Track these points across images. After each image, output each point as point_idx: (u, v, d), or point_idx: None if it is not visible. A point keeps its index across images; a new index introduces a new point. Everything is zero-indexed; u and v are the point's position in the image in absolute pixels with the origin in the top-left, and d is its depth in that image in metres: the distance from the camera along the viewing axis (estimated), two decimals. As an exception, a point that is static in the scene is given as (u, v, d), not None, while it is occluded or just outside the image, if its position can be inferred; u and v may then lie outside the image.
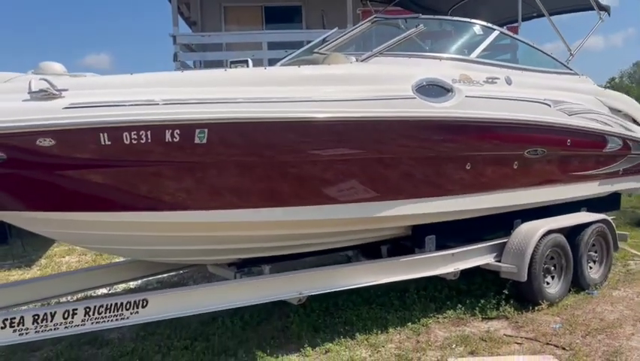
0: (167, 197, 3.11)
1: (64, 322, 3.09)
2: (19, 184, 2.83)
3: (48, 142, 2.62)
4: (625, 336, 3.95)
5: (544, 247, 4.51)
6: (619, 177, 5.55)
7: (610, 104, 5.27)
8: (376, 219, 3.88)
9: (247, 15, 11.97)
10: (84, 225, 3.13)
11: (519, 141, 4.28)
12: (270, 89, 3.17)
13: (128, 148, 2.76)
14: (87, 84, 2.96)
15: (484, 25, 4.53)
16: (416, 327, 4.16)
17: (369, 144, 3.44)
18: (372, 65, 3.80)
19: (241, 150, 3.06)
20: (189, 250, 3.66)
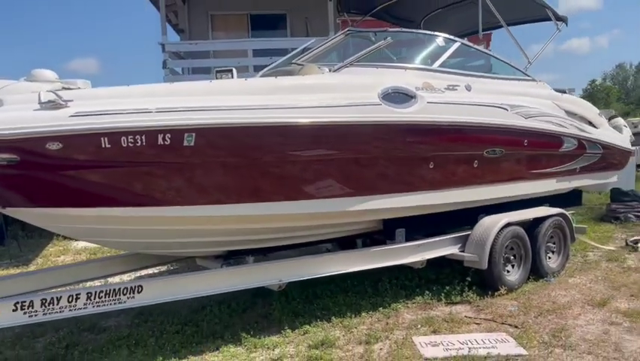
0: (159, 194, 3.52)
1: (68, 305, 3.47)
2: (30, 183, 3.22)
3: (56, 146, 3.02)
4: (572, 316, 4.41)
5: (504, 238, 4.96)
6: (576, 175, 6.02)
7: (566, 108, 5.74)
8: (350, 213, 4.30)
9: (233, 23, 12.38)
10: (87, 220, 3.52)
11: (478, 142, 4.72)
12: (250, 98, 3.59)
13: (126, 150, 3.17)
14: (90, 95, 3.37)
15: (447, 38, 4.99)
16: (387, 311, 4.59)
17: (339, 145, 3.88)
18: (342, 75, 4.23)
19: (225, 152, 3.48)
20: (180, 242, 4.06)
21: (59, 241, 8.49)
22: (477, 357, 3.64)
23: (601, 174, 6.45)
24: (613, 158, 6.47)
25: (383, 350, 3.82)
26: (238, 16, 12.26)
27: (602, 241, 7.01)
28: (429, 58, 4.82)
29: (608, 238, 7.18)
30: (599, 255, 6.36)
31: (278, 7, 12.13)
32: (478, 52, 5.50)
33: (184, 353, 3.87)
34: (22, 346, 4.21)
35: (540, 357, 3.64)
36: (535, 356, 3.67)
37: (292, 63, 4.64)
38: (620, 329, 4.10)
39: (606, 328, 4.13)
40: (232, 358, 3.79)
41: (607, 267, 5.84)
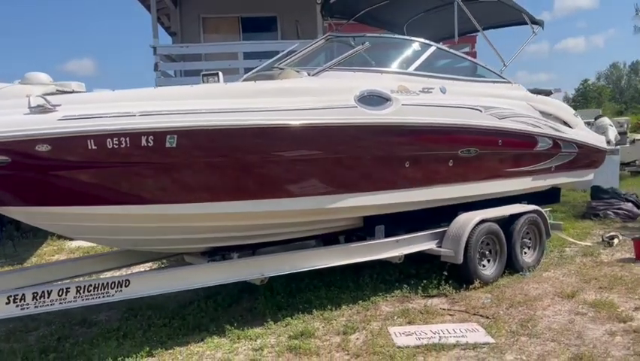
0: (144, 192, 3.71)
1: (58, 298, 3.66)
2: (21, 183, 3.41)
3: (45, 147, 3.22)
4: (542, 307, 4.63)
5: (479, 233, 5.17)
6: (552, 173, 6.24)
7: (541, 109, 5.96)
8: (330, 210, 4.50)
9: (225, 25, 12.59)
10: (76, 217, 3.71)
11: (452, 142, 4.94)
12: (231, 101, 3.80)
13: (111, 152, 3.36)
14: (77, 100, 3.56)
15: (423, 42, 5.20)
16: (366, 304, 4.80)
17: (316, 146, 4.08)
18: (321, 79, 4.44)
19: (205, 152, 3.68)
20: (166, 239, 4.26)
21: (53, 241, 8.67)
22: (447, 345, 3.85)
23: (577, 172, 6.66)
24: (588, 157, 6.69)
25: (359, 340, 4.03)
26: (229, 18, 12.46)
27: (580, 237, 7.23)
28: (405, 62, 5.03)
29: (586, 235, 7.41)
30: (575, 250, 6.58)
31: (269, 10, 12.34)
32: (454, 55, 5.71)
33: (170, 344, 4.06)
34: (16, 339, 4.40)
35: (506, 345, 3.86)
36: (502, 343, 3.88)
37: (274, 67, 4.85)
38: (584, 319, 4.32)
39: (572, 318, 4.35)
40: (216, 348, 3.99)
41: (581, 261, 6.06)
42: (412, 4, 6.64)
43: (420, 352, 3.77)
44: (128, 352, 3.90)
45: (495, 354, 3.71)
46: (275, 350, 3.89)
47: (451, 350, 3.78)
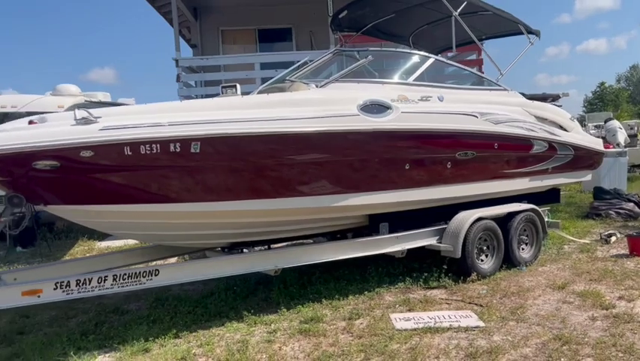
0: (171, 192, 4.24)
1: (98, 285, 4.20)
2: (67, 185, 3.96)
3: (88, 153, 3.76)
4: (533, 297, 5.02)
5: (476, 230, 5.59)
6: (549, 174, 6.62)
7: (536, 114, 6.36)
8: (337, 208, 4.97)
9: (242, 37, 13.20)
10: (112, 215, 4.25)
11: (448, 146, 5.37)
12: (246, 112, 4.31)
13: (144, 157, 3.89)
14: (115, 112, 4.11)
15: (422, 55, 5.67)
16: (371, 294, 5.25)
17: (322, 150, 4.57)
18: (327, 90, 4.93)
19: (225, 157, 4.19)
20: (190, 234, 4.78)
21: (84, 242, 9.32)
22: (441, 328, 4.28)
23: (574, 173, 7.03)
24: (585, 158, 7.05)
25: (363, 324, 4.49)
26: (247, 30, 13.07)
27: (580, 235, 7.58)
28: (405, 73, 5.50)
29: (586, 233, 7.74)
30: (573, 247, 6.94)
31: (284, 22, 12.91)
32: (452, 66, 6.16)
33: (194, 328, 4.57)
34: (58, 325, 4.96)
35: (495, 328, 4.27)
36: (491, 327, 4.29)
37: (285, 80, 5.35)
38: (570, 307, 4.71)
39: (559, 306, 4.75)
40: (235, 331, 4.48)
41: (577, 257, 6.42)
42: (415, 17, 7.11)
43: (416, 334, 4.20)
44: (157, 334, 4.41)
45: (484, 335, 4.13)
46: (287, 333, 4.37)
47: (444, 333, 4.21)
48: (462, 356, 3.78)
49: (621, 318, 4.33)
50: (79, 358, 4.01)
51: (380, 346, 3.96)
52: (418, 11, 6.87)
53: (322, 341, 4.15)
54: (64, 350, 4.19)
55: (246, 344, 4.12)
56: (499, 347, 3.86)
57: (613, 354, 3.67)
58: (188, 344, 4.24)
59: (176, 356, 3.98)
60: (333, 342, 4.12)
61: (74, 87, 11.06)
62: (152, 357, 4.00)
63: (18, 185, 4.02)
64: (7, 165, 3.79)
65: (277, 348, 4.06)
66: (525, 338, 4.03)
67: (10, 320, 5.14)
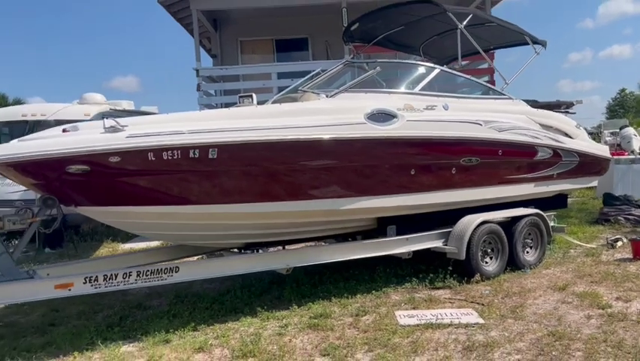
0: (191, 195, 4.59)
1: (123, 280, 4.56)
2: (96, 187, 4.34)
3: (116, 159, 4.13)
4: (533, 297, 5.24)
5: (480, 233, 5.83)
6: (554, 180, 6.82)
7: (541, 122, 6.58)
8: (347, 211, 5.27)
9: (260, 47, 13.63)
10: (137, 215, 4.62)
11: (453, 152, 5.63)
12: (261, 121, 4.64)
13: (166, 162, 4.25)
14: (140, 121, 4.49)
15: (428, 66, 5.96)
16: (378, 293, 5.52)
17: (331, 156, 4.88)
18: (336, 100, 5.24)
19: (240, 162, 4.53)
20: (208, 234, 5.12)
21: (108, 244, 9.77)
22: (442, 324, 4.54)
23: (580, 179, 7.21)
24: (591, 165, 7.23)
25: (368, 320, 4.76)
26: (264, 41, 13.51)
27: (587, 240, 7.72)
28: (411, 83, 5.79)
29: (594, 238, 7.88)
30: (579, 251, 7.11)
31: (300, 32, 13.30)
32: (457, 76, 6.42)
33: (211, 322, 4.90)
34: (86, 318, 5.33)
35: (493, 325, 4.51)
36: (490, 324, 4.53)
37: (298, 90, 5.68)
38: (568, 306, 4.92)
39: (557, 305, 4.96)
40: (249, 325, 4.79)
41: (582, 261, 6.59)
42: (424, 29, 7.39)
43: (418, 329, 4.46)
44: (177, 327, 4.74)
45: (482, 331, 4.37)
46: (297, 327, 4.67)
47: (445, 328, 4.47)
48: (459, 348, 4.03)
49: (615, 317, 4.54)
50: (105, 347, 4.36)
51: (383, 339, 4.24)
52: (426, 23, 7.15)
53: (330, 335, 4.44)
54: (92, 339, 4.55)
55: (259, 337, 4.42)
56: (495, 342, 4.11)
57: (602, 349, 3.89)
58: (205, 336, 4.56)
59: (194, 346, 4.31)
60: (340, 336, 4.40)
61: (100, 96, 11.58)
62: (172, 347, 4.34)
63: (52, 188, 4.41)
64: (43, 170, 4.18)
65: (287, 340, 4.36)
66: (520, 334, 4.26)
67: (41, 313, 5.54)
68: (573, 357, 3.79)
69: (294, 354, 4.07)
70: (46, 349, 4.46)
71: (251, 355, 4.07)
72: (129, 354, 4.25)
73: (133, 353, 4.29)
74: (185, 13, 11.97)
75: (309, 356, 4.03)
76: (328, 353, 4.05)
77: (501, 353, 3.92)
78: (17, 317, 5.53)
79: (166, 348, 4.32)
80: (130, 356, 4.22)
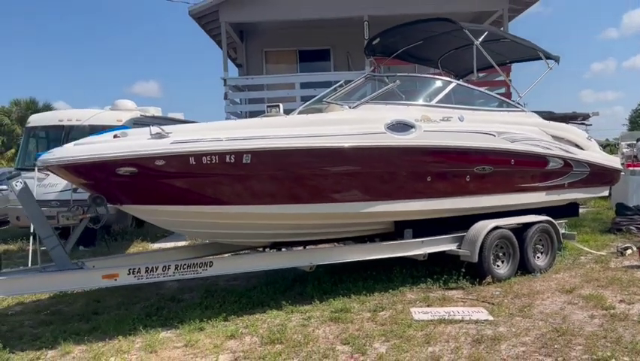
0: (225, 196, 5.04)
1: (162, 273, 5.02)
2: (142, 188, 4.82)
3: (161, 162, 4.61)
4: (541, 298, 5.57)
5: (493, 238, 6.17)
6: (565, 189, 7.13)
7: (552, 133, 6.91)
8: (366, 214, 5.67)
9: (284, 57, 14.16)
10: (176, 214, 5.09)
11: (467, 161, 6.00)
12: (289, 130, 5.09)
13: (205, 166, 4.71)
14: (183, 129, 4.97)
15: (444, 80, 6.35)
16: (394, 292, 5.90)
17: (353, 163, 5.30)
18: (358, 111, 5.67)
19: (271, 167, 4.97)
20: (238, 233, 5.57)
21: (138, 243, 10.31)
22: (454, 320, 4.90)
23: (591, 189, 7.51)
24: (601, 175, 7.52)
25: (386, 315, 5.15)
26: (288, 51, 14.03)
27: (598, 247, 8.00)
28: (429, 95, 6.19)
29: (605, 246, 8.15)
30: (589, 258, 7.40)
31: (323, 44, 13.81)
32: (473, 90, 6.80)
33: (240, 314, 5.33)
34: (125, 308, 5.81)
35: (502, 322, 4.86)
36: (499, 321, 4.88)
37: (322, 101, 6.13)
38: (574, 307, 5.24)
39: (564, 306, 5.28)
40: (275, 317, 5.21)
41: (591, 267, 6.89)
42: (442, 44, 7.79)
43: (432, 324, 4.84)
44: (209, 317, 5.18)
45: (491, 327, 4.73)
46: (320, 320, 5.08)
47: (456, 324, 4.83)
48: (469, 341, 4.40)
49: (617, 317, 4.86)
50: (146, 332, 4.82)
51: (399, 332, 4.62)
52: (444, 39, 7.55)
53: (349, 327, 4.84)
54: (134, 325, 5.02)
55: (285, 327, 4.84)
56: (503, 336, 4.46)
57: (601, 344, 4.22)
58: (235, 325, 4.99)
59: (226, 333, 4.75)
60: (359, 328, 4.80)
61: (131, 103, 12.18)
62: (206, 334, 4.78)
63: (100, 187, 4.91)
64: (95, 171, 4.67)
65: (311, 331, 4.77)
66: (527, 330, 4.61)
67: (84, 303, 6.05)
68: (574, 350, 4.13)
69: (318, 342, 4.47)
70: (92, 333, 4.93)
71: (278, 342, 4.49)
72: (168, 339, 4.71)
73: (171, 338, 4.74)
74: (214, 25, 12.55)
75: (331, 344, 4.43)
76: (348, 342, 4.44)
77: (507, 345, 4.28)
78: (62, 306, 6.03)
79: (201, 335, 4.76)
80: (169, 340, 4.68)
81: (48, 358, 4.40)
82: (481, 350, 4.18)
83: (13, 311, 5.87)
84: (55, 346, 4.60)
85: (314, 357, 4.13)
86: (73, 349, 4.54)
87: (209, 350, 4.40)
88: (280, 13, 12.15)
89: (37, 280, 4.81)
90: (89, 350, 4.48)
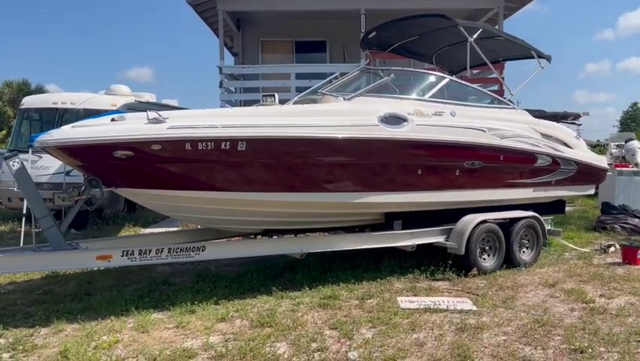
0: (219, 182, 5.13)
1: (156, 255, 5.12)
2: (136, 171, 4.89)
3: (157, 147, 4.68)
4: (525, 291, 5.73)
5: (480, 231, 6.32)
6: (552, 187, 7.28)
7: (542, 131, 7.05)
8: (357, 205, 5.79)
9: (280, 47, 14.20)
10: (170, 199, 5.17)
11: (457, 156, 6.12)
12: (284, 119, 5.18)
13: (200, 152, 4.79)
14: (179, 115, 5.04)
15: (438, 75, 6.46)
16: (382, 281, 6.03)
17: (345, 153, 5.40)
18: (353, 103, 5.76)
19: (265, 155, 5.06)
20: (231, 219, 5.66)
21: (130, 228, 10.37)
22: (439, 309, 5.05)
23: (577, 187, 7.67)
24: (588, 174, 7.68)
25: (373, 303, 5.28)
26: (284, 42, 14.07)
27: (582, 245, 8.18)
28: (422, 90, 6.30)
29: (589, 243, 8.34)
30: (573, 255, 7.57)
31: (319, 35, 13.85)
32: (466, 86, 6.92)
33: (231, 298, 5.43)
34: (117, 290, 5.89)
35: (485, 312, 5.01)
36: (482, 311, 5.03)
37: (317, 92, 6.21)
38: (555, 300, 5.41)
39: (546, 299, 5.45)
40: (265, 302, 5.32)
41: (574, 263, 7.06)
42: (436, 40, 7.89)
43: (417, 312, 4.98)
44: (201, 300, 5.28)
45: (474, 316, 4.88)
46: (309, 306, 5.20)
47: (441, 313, 4.97)
48: (453, 329, 4.54)
49: (597, 310, 5.02)
50: (138, 313, 4.92)
51: (385, 319, 4.76)
52: (439, 35, 7.65)
53: (338, 313, 4.96)
54: (126, 306, 5.12)
55: (274, 312, 4.96)
56: (485, 325, 4.61)
57: (579, 335, 4.38)
58: (226, 309, 5.09)
59: (217, 316, 4.85)
60: (347, 314, 4.93)
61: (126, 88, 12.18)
62: (197, 316, 4.88)
63: (96, 170, 4.98)
64: (92, 153, 4.73)
65: (300, 316, 4.89)
66: (509, 320, 4.76)
67: (76, 284, 6.12)
68: (552, 340, 4.28)
69: (306, 327, 4.60)
70: (85, 313, 5.01)
71: (267, 325, 4.61)
72: (159, 320, 4.80)
73: (163, 319, 4.84)
74: (211, 13, 12.54)
75: (319, 329, 4.55)
76: (336, 327, 4.57)
77: (490, 334, 4.43)
78: (54, 286, 6.10)
79: (192, 317, 4.87)
80: (160, 321, 4.77)
81: (41, 335, 4.48)
82: (464, 338, 4.32)
83: (5, 290, 5.94)
84: (48, 324, 4.68)
85: (302, 341, 4.24)
86: (66, 327, 4.63)
87: (199, 332, 4.50)
88: (278, 3, 12.18)
89: (32, 259, 4.88)
90: (81, 329, 4.57)
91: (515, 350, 4.08)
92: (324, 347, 4.14)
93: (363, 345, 4.17)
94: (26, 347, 4.19)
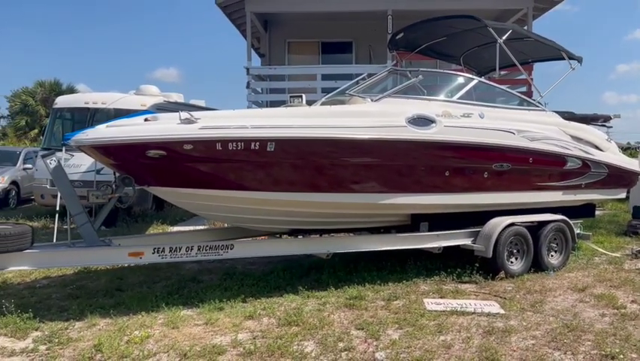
0: (248, 182, 5.20)
1: (185, 253, 5.22)
2: (169, 170, 5.00)
3: (189, 147, 4.77)
4: (553, 295, 5.66)
5: (507, 234, 6.26)
6: (582, 190, 7.17)
7: (572, 133, 6.95)
8: (383, 206, 5.80)
9: (307, 48, 14.27)
10: (200, 197, 5.26)
11: (486, 158, 6.08)
12: (312, 120, 5.22)
13: (231, 152, 4.87)
14: (211, 115, 5.14)
15: (466, 76, 6.42)
16: (408, 283, 6.03)
17: (373, 154, 5.41)
18: (380, 104, 5.78)
19: (294, 156, 5.11)
20: (259, 218, 5.72)
21: (158, 226, 10.55)
22: (466, 312, 5.03)
23: (608, 190, 7.54)
24: (619, 177, 7.54)
25: (399, 304, 5.29)
26: (311, 43, 14.14)
27: (613, 249, 8.03)
28: (450, 91, 6.27)
29: (620, 248, 8.17)
30: (603, 259, 7.44)
31: (345, 36, 13.88)
32: (494, 87, 6.86)
33: (257, 296, 5.51)
34: (147, 286, 6.02)
35: (513, 315, 4.97)
36: (510, 315, 5.00)
37: (345, 93, 6.25)
38: (585, 305, 5.33)
39: (575, 304, 5.37)
40: (291, 301, 5.38)
41: (604, 268, 6.94)
42: (465, 41, 7.84)
43: (444, 314, 4.97)
44: (228, 298, 5.37)
45: (502, 320, 4.85)
46: (335, 305, 5.24)
47: (468, 315, 4.95)
48: (480, 332, 4.52)
49: (628, 316, 4.94)
50: (168, 309, 5.02)
51: (412, 320, 4.77)
52: (468, 36, 7.60)
53: (364, 314, 4.99)
54: (157, 302, 5.23)
55: (301, 311, 5.01)
56: (513, 329, 4.58)
57: (610, 340, 4.31)
58: (254, 307, 5.17)
59: (245, 314, 4.93)
60: (373, 315, 4.95)
61: (155, 88, 12.40)
62: (225, 313, 4.97)
63: (129, 168, 5.10)
64: (126, 152, 4.85)
65: (326, 315, 4.93)
66: (537, 324, 4.72)
67: (108, 280, 6.27)
68: (583, 345, 4.23)
69: (333, 326, 4.63)
70: (117, 308, 5.14)
71: (294, 324, 4.66)
72: (189, 317, 4.90)
73: (192, 316, 4.94)
74: (239, 14, 12.68)
75: (345, 329, 4.58)
76: (363, 327, 4.60)
77: (518, 337, 4.40)
78: (86, 281, 6.27)
79: (220, 314, 4.95)
80: (190, 318, 4.87)
81: (76, 328, 4.62)
82: (492, 341, 4.30)
83: (40, 285, 6.12)
84: (82, 318, 4.83)
85: (329, 340, 4.28)
86: (99, 321, 4.76)
87: (228, 329, 4.58)
88: (305, 4, 12.25)
89: (67, 255, 5.04)
90: (114, 324, 4.70)
91: (544, 354, 4.05)
92: (351, 346, 4.18)
93: (390, 346, 4.19)
94: (62, 339, 4.33)
